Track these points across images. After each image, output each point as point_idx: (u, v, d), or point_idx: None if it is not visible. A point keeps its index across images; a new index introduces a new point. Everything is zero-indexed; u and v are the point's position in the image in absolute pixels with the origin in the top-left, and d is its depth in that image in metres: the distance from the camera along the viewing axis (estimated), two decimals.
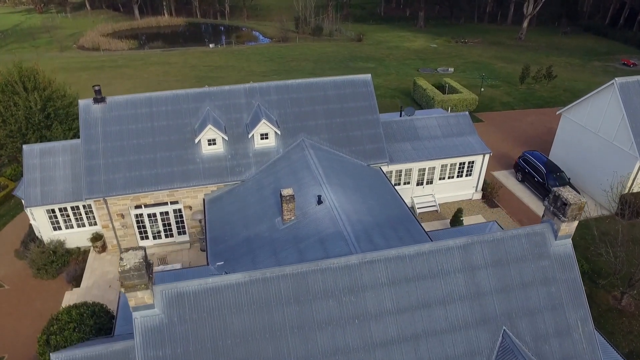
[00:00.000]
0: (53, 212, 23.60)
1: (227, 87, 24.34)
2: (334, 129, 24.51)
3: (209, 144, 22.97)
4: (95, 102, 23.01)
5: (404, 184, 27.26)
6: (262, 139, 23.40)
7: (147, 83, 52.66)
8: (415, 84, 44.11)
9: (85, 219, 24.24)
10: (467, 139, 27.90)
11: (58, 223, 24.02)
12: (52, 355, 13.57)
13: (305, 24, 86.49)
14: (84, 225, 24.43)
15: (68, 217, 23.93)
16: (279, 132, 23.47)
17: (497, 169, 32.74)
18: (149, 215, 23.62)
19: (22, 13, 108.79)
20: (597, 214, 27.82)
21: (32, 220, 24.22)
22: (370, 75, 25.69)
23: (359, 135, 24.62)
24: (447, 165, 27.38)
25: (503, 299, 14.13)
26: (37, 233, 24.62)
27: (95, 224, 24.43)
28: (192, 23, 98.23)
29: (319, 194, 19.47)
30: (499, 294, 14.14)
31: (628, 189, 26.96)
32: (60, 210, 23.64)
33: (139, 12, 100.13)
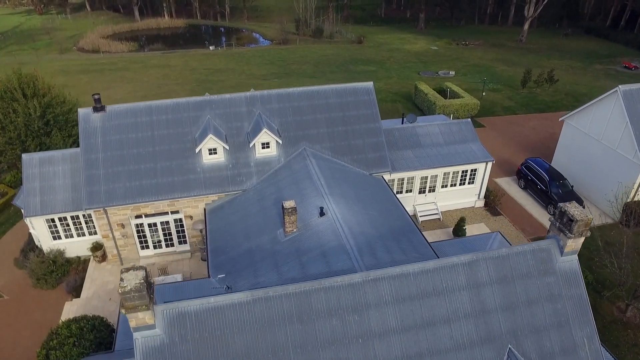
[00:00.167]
0: (53, 221, 23.42)
1: (227, 95, 24.16)
2: (336, 138, 24.33)
3: (210, 153, 22.78)
4: (95, 110, 22.83)
5: (406, 192, 27.07)
6: (263, 148, 23.21)
7: (147, 86, 52.48)
8: (417, 89, 43.92)
9: (85, 229, 24.06)
10: (469, 147, 27.72)
11: (58, 232, 23.84)
12: None
13: (306, 26, 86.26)
14: (84, 235, 24.25)
15: (68, 226, 23.74)
16: (280, 141, 23.28)
17: (499, 176, 32.53)
18: (150, 225, 23.44)
19: (22, 14, 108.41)
20: (600, 223, 27.63)
21: (31, 230, 24.04)
22: (372, 83, 25.49)
23: (361, 144, 24.43)
24: (449, 173, 27.19)
25: (508, 317, 13.95)
26: (36, 242, 24.44)
27: (96, 233, 24.25)
28: (192, 24, 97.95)
29: (321, 206, 19.30)
30: (504, 312, 13.96)
31: (632, 198, 26.79)
32: (60, 220, 23.46)
33: (139, 13, 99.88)
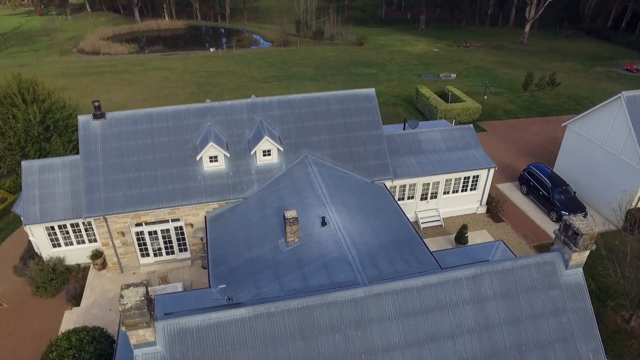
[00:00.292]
0: (52, 229, 23.26)
1: (228, 102, 24.01)
2: (338, 145, 24.18)
3: (211, 161, 22.63)
4: (95, 118, 22.68)
5: (408, 199, 26.92)
6: (264, 156, 23.06)
7: (147, 89, 52.32)
8: (418, 92, 43.75)
9: (85, 236, 23.91)
10: (471, 153, 27.56)
11: (57, 240, 23.69)
12: None
13: (306, 28, 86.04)
14: (84, 242, 24.10)
15: (67, 234, 23.59)
16: (282, 148, 23.13)
17: (501, 181, 32.36)
18: (150, 233, 23.29)
19: (22, 15, 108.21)
20: (603, 229, 27.48)
21: (31, 237, 23.89)
22: (374, 90, 25.34)
23: (363, 151, 24.28)
24: (451, 180, 27.04)
25: (513, 331, 13.81)
26: (36, 249, 24.29)
27: (95, 241, 24.09)
28: (192, 26, 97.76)
29: (323, 215, 19.13)
30: (509, 326, 13.82)
31: (635, 205, 26.63)
32: (60, 228, 23.31)
33: (140, 14, 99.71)
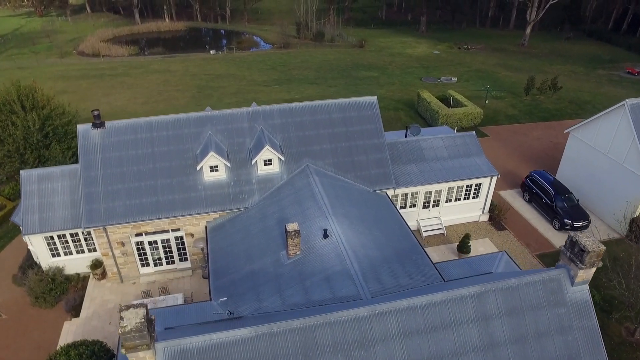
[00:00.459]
0: (51, 238, 23.06)
1: (229, 110, 23.81)
2: (339, 154, 23.97)
3: (211, 171, 22.43)
4: (94, 127, 22.48)
5: (410, 207, 26.72)
6: (265, 165, 22.86)
7: (147, 93, 52.13)
8: (419, 97, 43.54)
9: (85, 246, 23.71)
10: (474, 160, 27.35)
11: (57, 249, 23.49)
12: None
13: (307, 29, 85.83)
14: (83, 252, 23.90)
15: (67, 243, 23.39)
16: (283, 157, 22.93)
17: (503, 188, 32.15)
18: (150, 243, 23.08)
19: (22, 16, 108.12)
20: (606, 237, 27.28)
21: (30, 246, 23.68)
22: (376, 98, 25.12)
23: (365, 160, 24.08)
24: (453, 188, 26.83)
25: (518, 350, 13.61)
26: (35, 258, 24.09)
27: (95, 250, 23.89)
28: (192, 28, 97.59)
29: (325, 227, 18.93)
30: (514, 345, 13.62)
31: (639, 213, 26.43)
32: (59, 237, 23.11)
33: (140, 15, 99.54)
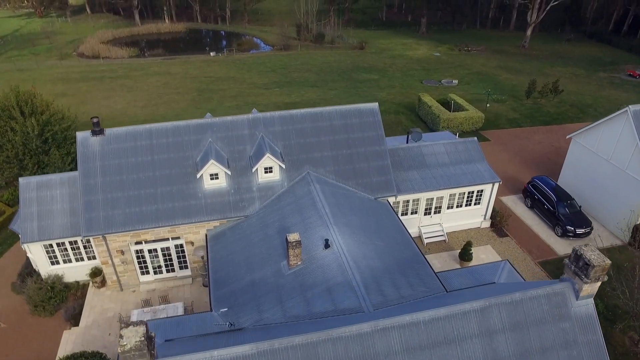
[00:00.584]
0: (50, 246, 22.89)
1: (229, 117, 23.64)
2: (340, 161, 23.81)
3: (212, 178, 22.26)
4: (94, 134, 22.31)
5: (412, 214, 26.55)
6: (266, 173, 22.69)
7: (147, 96, 51.96)
8: (420, 100, 43.35)
9: (84, 254, 23.55)
10: (475, 167, 27.18)
11: (56, 257, 23.33)
12: None
13: (307, 31, 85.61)
14: (83, 260, 23.74)
15: (66, 251, 23.23)
16: (284, 165, 22.77)
17: (505, 194, 31.97)
18: (150, 251, 22.91)
19: (22, 17, 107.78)
20: (609, 244, 27.12)
21: (29, 254, 23.52)
22: (377, 105, 24.95)
23: (366, 167, 23.91)
24: (455, 194, 26.66)
25: None
26: (34, 266, 23.93)
27: (94, 258, 23.73)
28: (192, 29, 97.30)
29: (326, 237, 18.78)
30: None
31: None
32: (58, 245, 22.95)
33: (140, 17, 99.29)
